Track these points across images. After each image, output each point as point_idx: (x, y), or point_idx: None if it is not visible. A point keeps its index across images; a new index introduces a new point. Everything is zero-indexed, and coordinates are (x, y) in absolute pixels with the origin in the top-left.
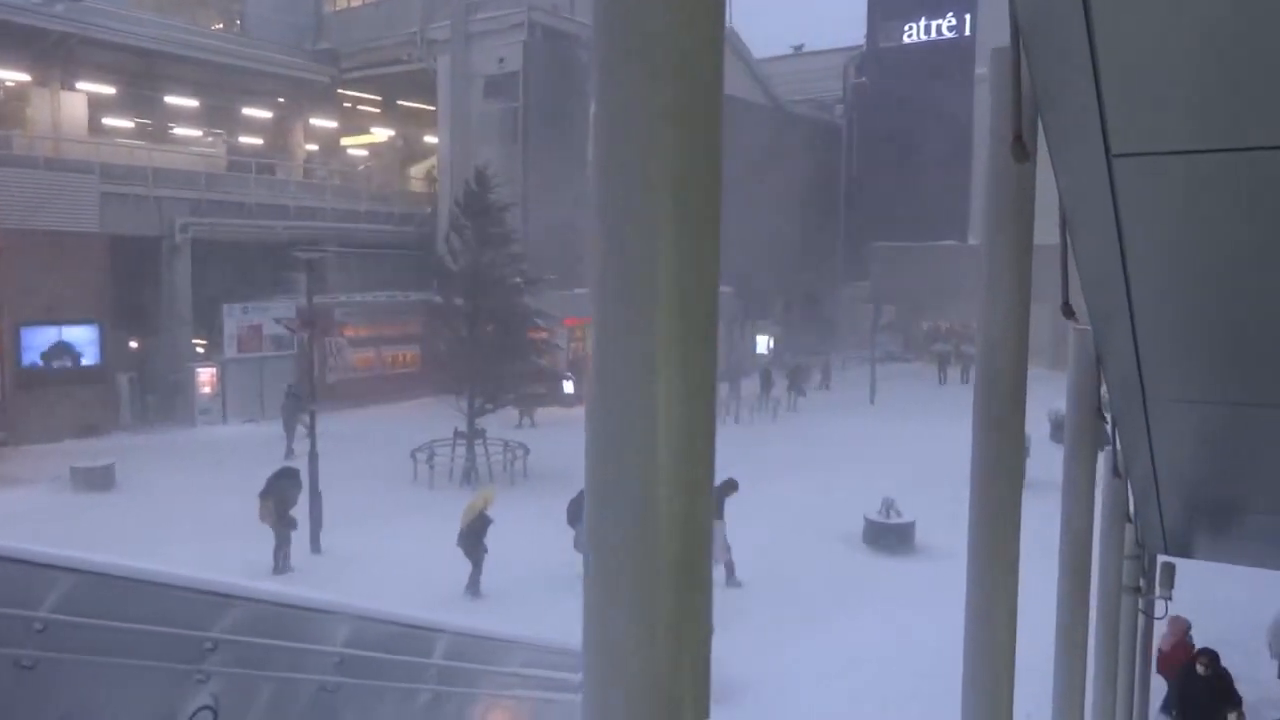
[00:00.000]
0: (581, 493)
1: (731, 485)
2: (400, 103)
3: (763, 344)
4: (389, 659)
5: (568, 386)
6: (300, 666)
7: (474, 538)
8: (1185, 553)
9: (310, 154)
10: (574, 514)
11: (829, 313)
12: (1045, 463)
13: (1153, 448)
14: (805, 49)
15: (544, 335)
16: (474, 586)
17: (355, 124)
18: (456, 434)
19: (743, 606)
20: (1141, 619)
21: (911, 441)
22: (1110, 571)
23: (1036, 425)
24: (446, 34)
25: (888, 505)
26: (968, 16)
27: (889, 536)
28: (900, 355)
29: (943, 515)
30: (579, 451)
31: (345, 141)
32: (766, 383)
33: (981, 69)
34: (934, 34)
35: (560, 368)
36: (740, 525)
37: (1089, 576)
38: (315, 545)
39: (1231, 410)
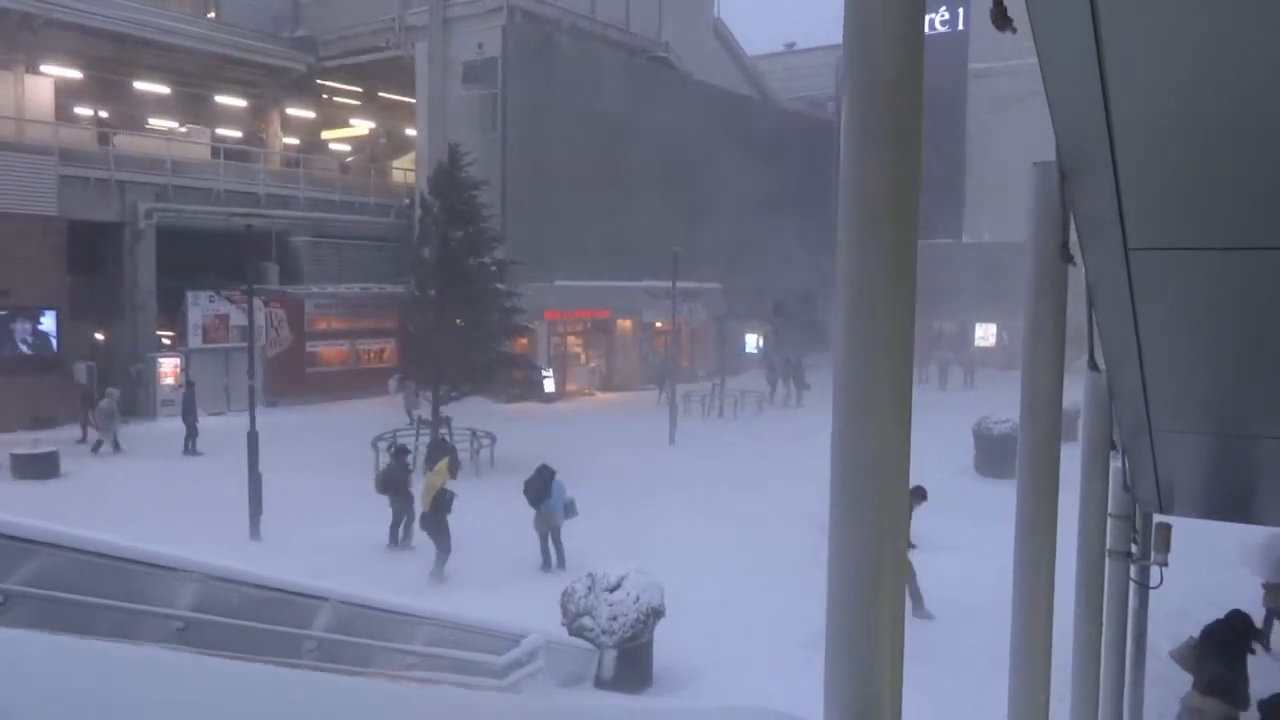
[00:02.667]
0: (537, 473)
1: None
2: (381, 95)
3: (751, 343)
4: (245, 626)
5: (547, 384)
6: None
7: (437, 517)
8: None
9: (289, 146)
10: (532, 495)
11: (821, 312)
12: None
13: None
14: (797, 46)
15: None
16: (439, 571)
17: (335, 116)
18: (420, 422)
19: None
20: (1134, 589)
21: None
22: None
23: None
24: (425, 19)
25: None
26: (960, 10)
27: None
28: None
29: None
30: (550, 441)
31: (326, 135)
32: (773, 378)
33: (975, 64)
34: (928, 27)
35: (539, 363)
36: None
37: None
38: (255, 532)
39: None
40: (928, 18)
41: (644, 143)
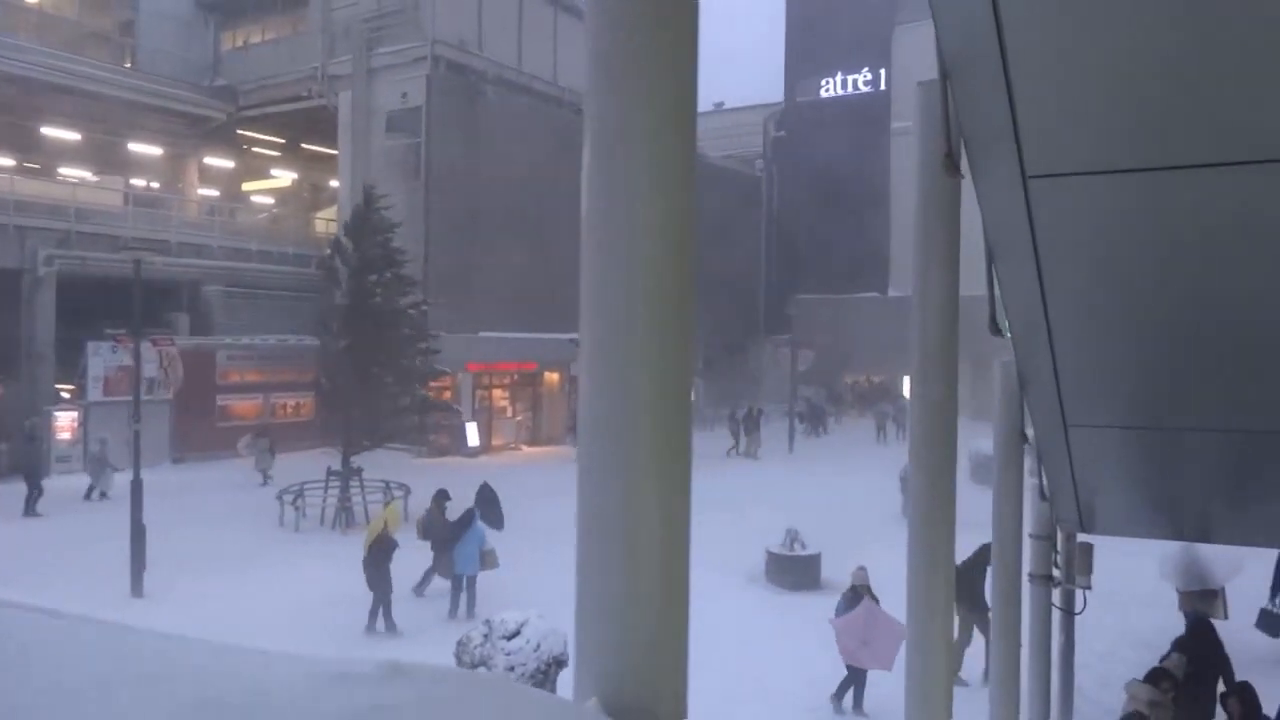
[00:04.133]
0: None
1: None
2: (304, 146)
3: None
4: None
5: (471, 436)
6: None
7: (378, 564)
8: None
9: (208, 196)
10: (482, 512)
11: (752, 366)
12: (966, 502)
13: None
14: (726, 106)
15: (445, 382)
16: (375, 620)
17: (257, 166)
18: (329, 473)
19: None
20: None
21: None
22: (1009, 552)
23: (959, 465)
24: (348, 69)
25: (792, 537)
26: (882, 71)
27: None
28: (823, 410)
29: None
30: (469, 493)
31: (247, 186)
32: (735, 429)
33: (897, 122)
34: (850, 88)
35: (463, 416)
36: None
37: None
38: (137, 589)
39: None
40: (846, 78)
41: (572, 195)
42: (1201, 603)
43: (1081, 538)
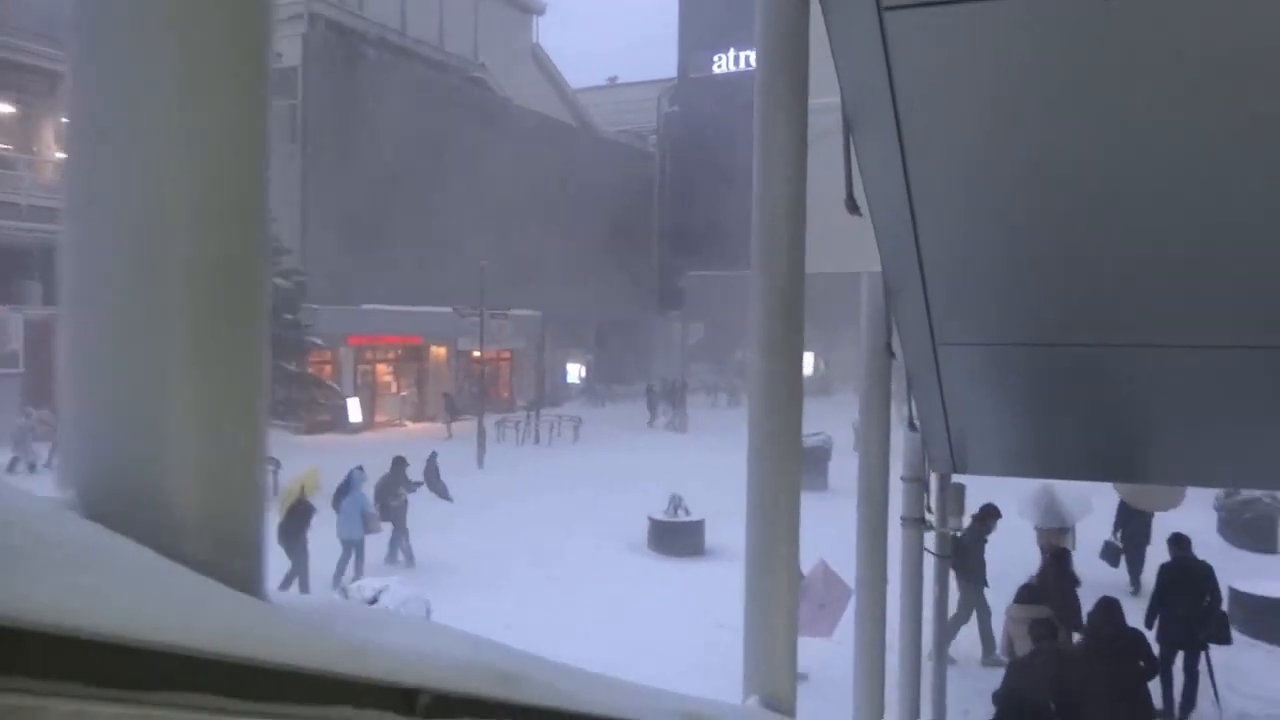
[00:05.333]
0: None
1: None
2: None
3: (574, 373)
4: None
5: (352, 412)
6: None
7: (293, 531)
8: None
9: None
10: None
11: (645, 342)
12: (847, 473)
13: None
14: (620, 80)
15: (323, 354)
16: (289, 590)
17: None
18: None
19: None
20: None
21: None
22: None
23: (843, 435)
24: None
25: (675, 503)
26: None
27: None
28: (715, 386)
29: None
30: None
31: None
32: (653, 403)
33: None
34: (743, 64)
35: (345, 391)
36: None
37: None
38: None
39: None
40: (739, 54)
41: (460, 164)
42: (1057, 539)
43: (953, 479)
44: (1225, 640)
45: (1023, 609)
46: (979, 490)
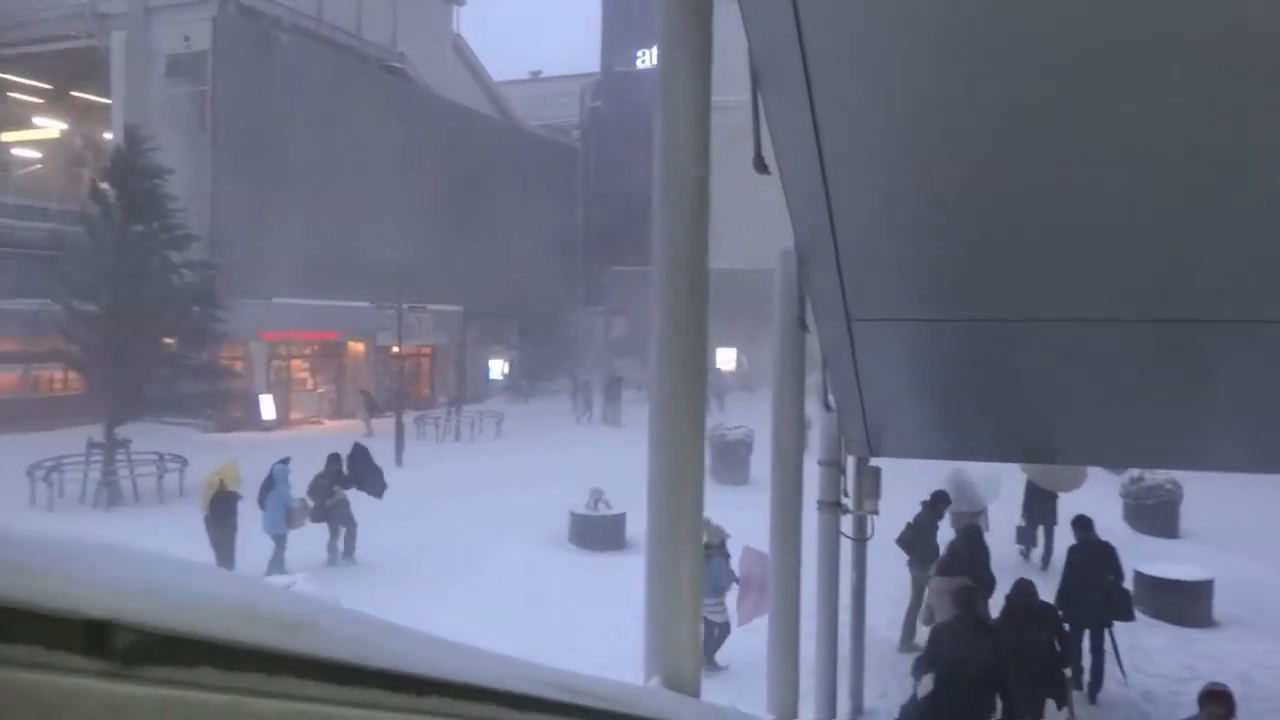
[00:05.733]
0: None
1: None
2: (75, 94)
3: (497, 369)
4: None
5: (266, 409)
6: None
7: (218, 522)
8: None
9: None
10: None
11: (568, 337)
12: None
13: (856, 358)
14: (543, 74)
15: (235, 350)
16: None
17: (17, 114)
18: (90, 446)
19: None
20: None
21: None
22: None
23: (766, 430)
24: (122, 7)
25: (596, 497)
26: None
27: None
28: (639, 382)
29: None
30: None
31: (7, 137)
32: (587, 397)
33: (715, 97)
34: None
35: (258, 387)
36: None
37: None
38: None
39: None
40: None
41: (378, 155)
42: (970, 521)
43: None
44: (1129, 617)
45: (944, 580)
46: (896, 476)
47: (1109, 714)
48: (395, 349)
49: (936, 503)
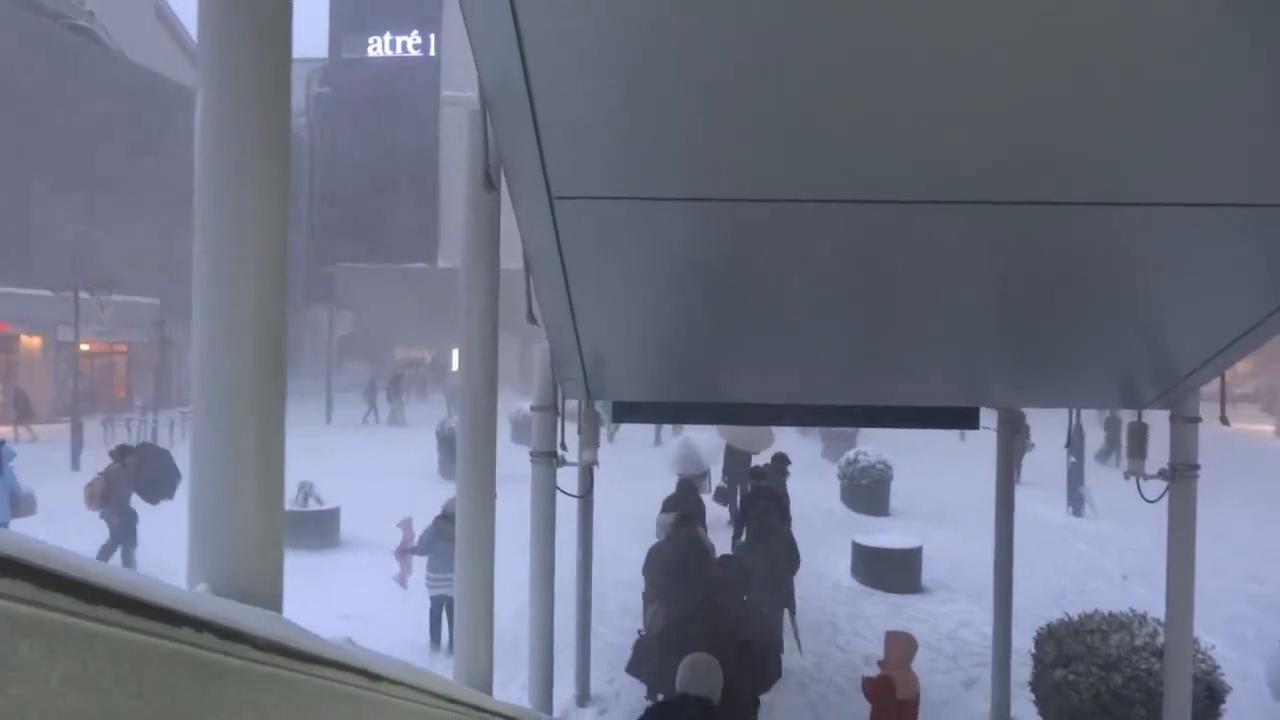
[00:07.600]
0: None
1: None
2: None
3: None
4: None
5: None
6: None
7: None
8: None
9: None
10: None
11: (290, 335)
12: (510, 460)
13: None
14: None
15: None
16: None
17: None
18: None
19: None
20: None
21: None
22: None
23: (500, 429)
24: None
25: (305, 491)
26: (433, 36)
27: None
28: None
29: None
30: None
31: None
32: (372, 397)
33: (448, 91)
34: (399, 49)
35: None
36: None
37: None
38: None
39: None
40: (399, 40)
41: (57, 125)
42: (696, 482)
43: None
44: (794, 563)
45: (667, 515)
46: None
47: (833, 677)
48: (85, 346)
49: (780, 460)
